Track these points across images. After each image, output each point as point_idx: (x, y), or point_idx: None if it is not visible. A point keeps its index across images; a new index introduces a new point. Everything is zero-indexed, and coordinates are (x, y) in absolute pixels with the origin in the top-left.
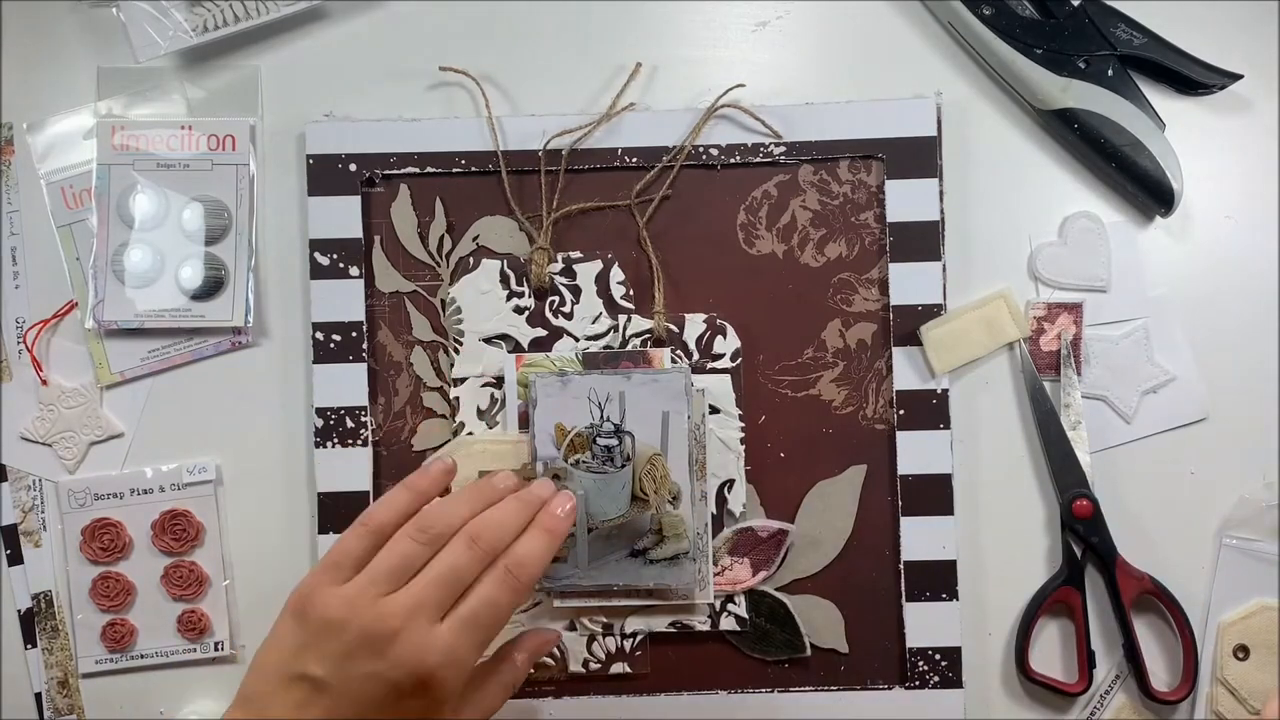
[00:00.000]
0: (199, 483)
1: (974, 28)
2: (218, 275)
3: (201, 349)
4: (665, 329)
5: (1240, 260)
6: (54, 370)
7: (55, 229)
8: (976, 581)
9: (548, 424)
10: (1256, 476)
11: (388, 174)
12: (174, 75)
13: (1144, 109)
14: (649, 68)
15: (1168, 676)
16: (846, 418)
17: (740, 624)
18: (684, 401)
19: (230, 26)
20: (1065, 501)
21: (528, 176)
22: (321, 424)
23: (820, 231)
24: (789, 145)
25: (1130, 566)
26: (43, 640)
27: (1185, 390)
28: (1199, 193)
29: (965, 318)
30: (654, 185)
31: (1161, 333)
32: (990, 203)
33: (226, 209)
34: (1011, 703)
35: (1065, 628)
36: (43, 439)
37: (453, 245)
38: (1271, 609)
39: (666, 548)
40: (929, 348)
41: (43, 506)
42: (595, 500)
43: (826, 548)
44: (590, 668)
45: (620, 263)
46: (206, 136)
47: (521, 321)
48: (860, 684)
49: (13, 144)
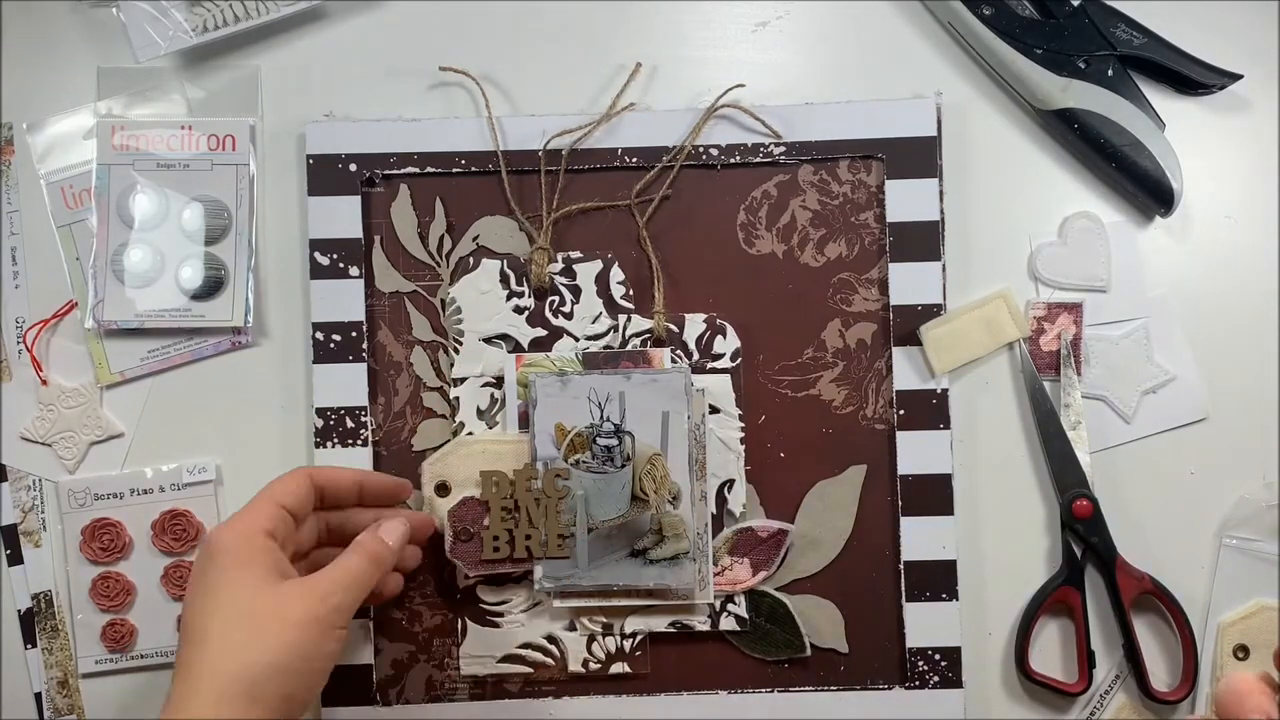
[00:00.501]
0: (199, 483)
1: (974, 28)
2: (218, 275)
3: (201, 349)
4: (665, 329)
5: (1240, 260)
6: (54, 370)
7: (55, 229)
8: (976, 581)
9: (548, 424)
10: (1256, 476)
11: (388, 174)
12: (174, 75)
13: (1144, 109)
14: (649, 68)
15: (1168, 677)
16: (846, 418)
17: (740, 624)
18: (684, 401)
19: (230, 26)
20: (1065, 501)
21: (528, 176)
22: (321, 424)
23: (820, 231)
24: (789, 145)
25: (1130, 566)
26: (43, 640)
27: (1185, 390)
28: (1199, 193)
29: (965, 318)
30: (654, 185)
31: (1161, 333)
32: (990, 203)
33: (226, 209)
34: (1011, 703)
35: (1065, 628)
36: (43, 439)
37: (453, 245)
38: (1271, 609)
39: (666, 548)
40: (929, 348)
41: (43, 506)
42: (595, 500)
43: (826, 548)
44: (590, 668)
45: (620, 263)
46: (206, 136)
47: (521, 321)
48: (860, 684)
49: (13, 144)
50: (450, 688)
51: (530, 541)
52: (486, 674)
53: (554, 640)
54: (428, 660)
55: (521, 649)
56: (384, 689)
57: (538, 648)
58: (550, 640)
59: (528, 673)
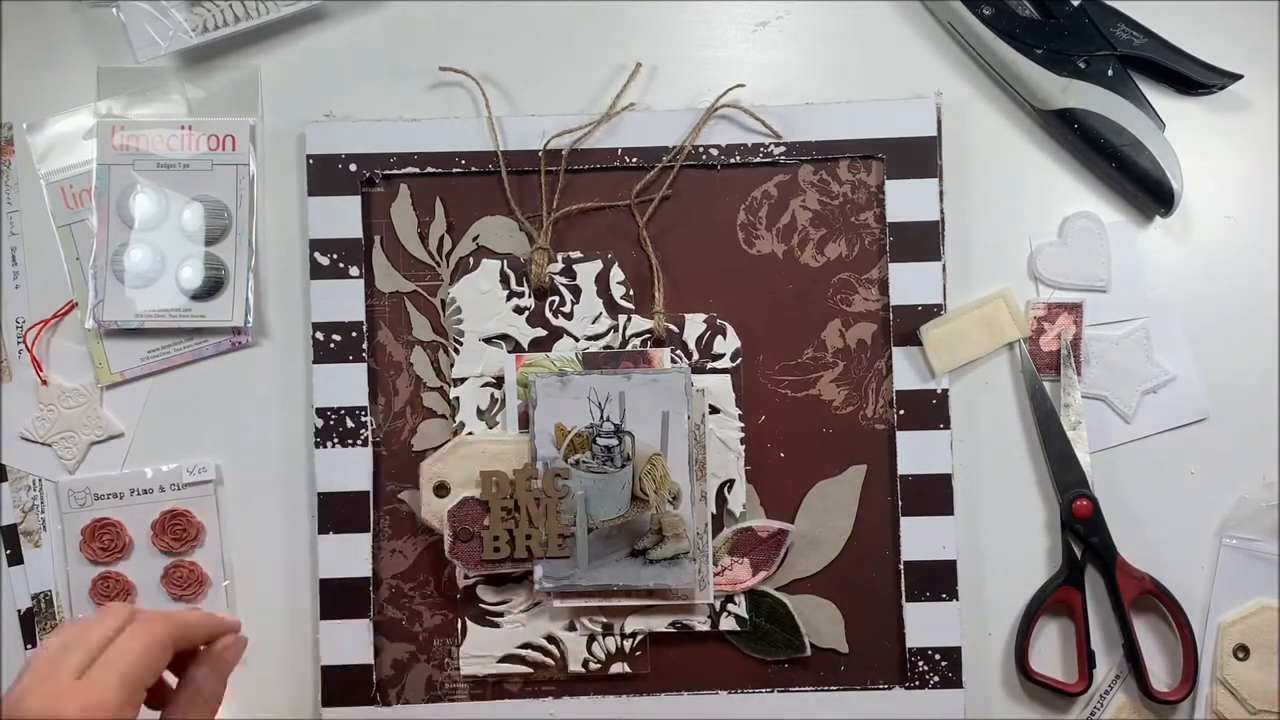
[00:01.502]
0: (199, 483)
1: (974, 28)
2: (218, 275)
3: (201, 349)
4: (665, 329)
5: (1240, 260)
6: (54, 370)
7: (55, 229)
8: (976, 581)
9: (548, 424)
10: (1256, 476)
11: (388, 174)
12: (174, 75)
13: (1144, 109)
14: (649, 68)
15: (1168, 677)
16: (846, 418)
17: (740, 624)
18: (684, 401)
19: (230, 26)
20: (1065, 502)
21: (528, 176)
22: (321, 424)
23: (820, 231)
24: (789, 145)
25: (1130, 566)
26: (43, 640)
27: (1185, 390)
28: (1199, 193)
29: (965, 318)
30: (654, 185)
31: (1162, 333)
32: (990, 203)
33: (226, 209)
34: (1011, 703)
35: (1065, 628)
36: (43, 439)
37: (453, 245)
38: (1271, 609)
39: (666, 548)
40: (929, 348)
41: (43, 506)
42: (595, 500)
43: (826, 548)
44: (590, 668)
45: (620, 263)
46: (206, 136)
47: (521, 321)
48: (860, 684)
49: (13, 144)
50: (450, 688)
51: (530, 541)
52: (486, 674)
53: (554, 640)
54: (428, 660)
55: (521, 649)
56: (384, 689)
57: (538, 648)
58: (550, 640)
59: (528, 673)
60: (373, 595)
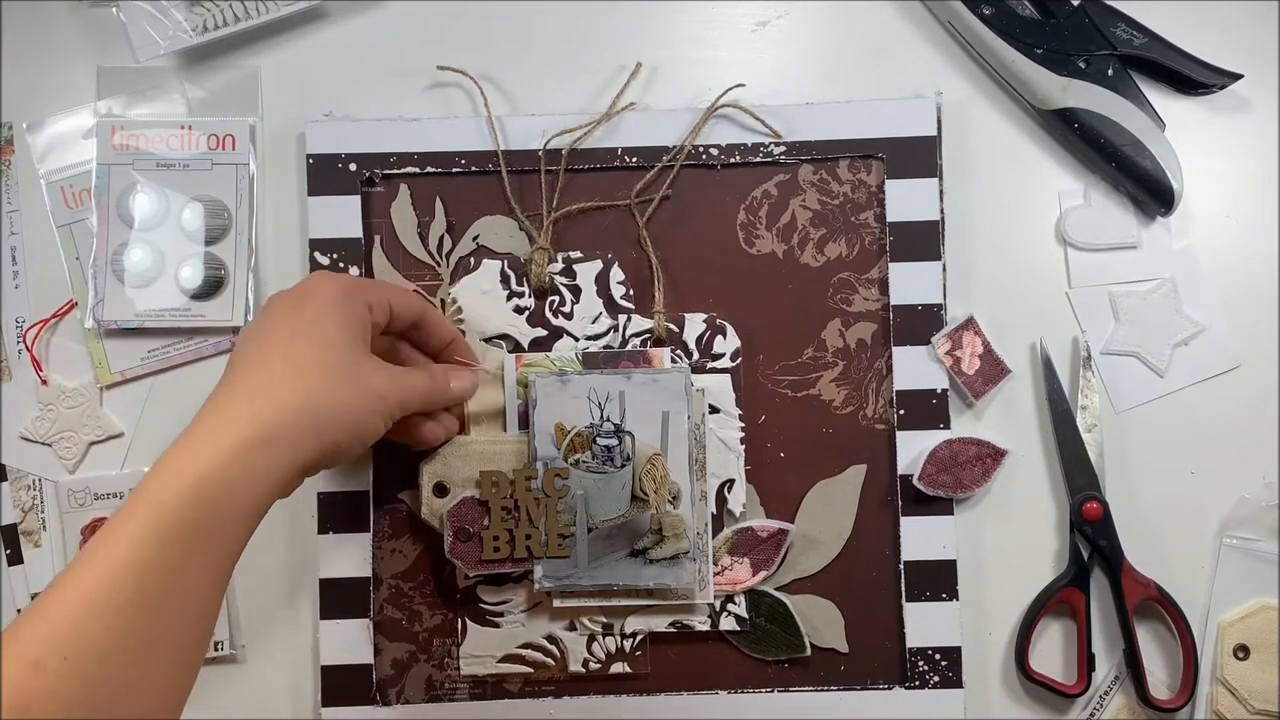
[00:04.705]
0: None
1: (974, 28)
2: (218, 275)
3: (201, 349)
4: (665, 329)
5: (1240, 260)
6: (54, 370)
7: (55, 229)
8: (977, 581)
9: (548, 424)
10: (1256, 476)
11: (388, 174)
12: (174, 75)
13: (1144, 109)
14: (649, 68)
15: (1167, 683)
16: (846, 418)
17: (740, 624)
18: (684, 401)
19: (230, 26)
20: (1076, 503)
21: (528, 176)
22: None
23: (820, 231)
24: (789, 145)
25: (1136, 572)
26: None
27: (1215, 341)
28: (1199, 192)
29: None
30: (654, 185)
31: (1189, 286)
32: (990, 203)
33: (226, 209)
34: (1011, 703)
35: (1066, 628)
36: (43, 439)
37: (453, 245)
38: (1271, 609)
39: (666, 548)
40: None
41: (43, 506)
42: (595, 500)
43: (826, 548)
44: (590, 668)
45: (620, 263)
46: (206, 136)
47: (521, 321)
48: (860, 684)
49: (13, 144)
50: (450, 688)
51: (530, 541)
52: (486, 674)
53: (554, 640)
54: (428, 660)
55: (521, 649)
56: (384, 689)
57: (538, 648)
58: (550, 640)
59: (528, 673)
60: (373, 595)
